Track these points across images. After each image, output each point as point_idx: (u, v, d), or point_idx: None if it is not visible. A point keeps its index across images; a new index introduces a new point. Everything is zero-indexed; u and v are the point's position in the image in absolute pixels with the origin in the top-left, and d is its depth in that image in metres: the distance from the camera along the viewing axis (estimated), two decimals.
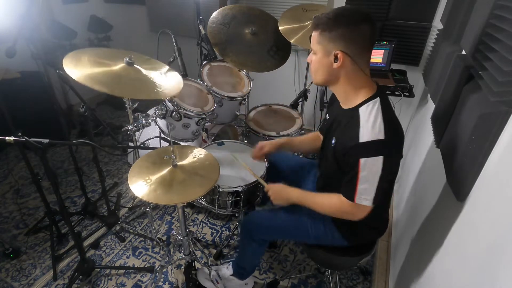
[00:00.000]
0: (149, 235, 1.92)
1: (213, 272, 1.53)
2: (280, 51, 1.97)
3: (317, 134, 1.44)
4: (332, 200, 1.10)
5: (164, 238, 1.93)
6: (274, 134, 1.90)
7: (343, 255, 1.25)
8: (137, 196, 1.02)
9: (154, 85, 1.30)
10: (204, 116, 1.68)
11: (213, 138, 2.05)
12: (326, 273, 1.70)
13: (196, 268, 1.60)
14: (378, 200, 1.01)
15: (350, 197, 1.02)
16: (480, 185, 0.87)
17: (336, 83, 1.07)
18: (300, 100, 1.83)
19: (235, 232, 1.97)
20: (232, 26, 1.91)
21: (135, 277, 1.69)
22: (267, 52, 1.94)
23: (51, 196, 2.00)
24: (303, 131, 2.08)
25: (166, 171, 1.11)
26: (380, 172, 0.96)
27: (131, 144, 1.67)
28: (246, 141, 1.99)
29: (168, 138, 1.71)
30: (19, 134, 1.14)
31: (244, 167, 1.50)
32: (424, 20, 2.25)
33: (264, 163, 1.58)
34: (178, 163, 1.15)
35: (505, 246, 0.66)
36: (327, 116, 1.30)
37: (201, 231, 1.99)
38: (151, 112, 1.63)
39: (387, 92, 2.04)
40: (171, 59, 1.64)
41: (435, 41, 2.05)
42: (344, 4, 2.41)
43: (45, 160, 1.21)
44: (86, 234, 1.93)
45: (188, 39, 2.59)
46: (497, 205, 0.75)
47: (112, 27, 3.39)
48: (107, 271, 1.72)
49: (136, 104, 1.49)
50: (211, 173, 1.14)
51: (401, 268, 1.52)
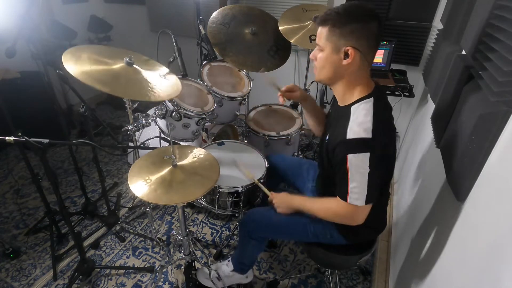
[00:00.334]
0: (149, 235, 1.92)
1: (213, 272, 1.53)
2: (280, 51, 1.97)
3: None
4: (330, 205, 1.10)
5: (164, 238, 1.93)
6: (274, 134, 1.90)
7: (343, 254, 1.25)
8: (137, 196, 1.02)
9: (153, 87, 1.30)
10: (204, 116, 1.68)
11: (213, 138, 2.05)
12: (326, 273, 1.70)
13: (196, 268, 1.60)
14: (373, 199, 1.01)
15: (343, 196, 1.02)
16: (480, 185, 0.87)
17: (339, 81, 1.07)
18: None
19: (235, 232, 1.97)
20: (232, 26, 1.91)
21: (135, 277, 1.70)
22: (267, 52, 1.94)
23: (51, 196, 2.00)
24: (303, 131, 2.08)
25: (166, 171, 1.11)
26: (368, 170, 0.96)
27: (131, 144, 1.67)
28: (246, 141, 1.99)
29: (168, 138, 1.71)
30: (19, 134, 1.14)
31: (248, 176, 1.51)
32: (424, 20, 2.25)
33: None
34: (178, 163, 1.14)
35: (505, 246, 0.66)
36: (330, 112, 1.31)
37: (201, 231, 1.99)
38: (151, 112, 1.63)
39: (387, 92, 2.04)
40: (171, 59, 1.64)
41: (435, 41, 2.05)
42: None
43: (45, 160, 1.21)
44: (86, 234, 1.93)
45: (188, 39, 2.59)
46: (497, 205, 0.75)
47: (112, 27, 3.39)
48: (107, 271, 1.72)
49: (136, 104, 1.49)
50: (211, 173, 1.14)
51: (401, 268, 1.52)
